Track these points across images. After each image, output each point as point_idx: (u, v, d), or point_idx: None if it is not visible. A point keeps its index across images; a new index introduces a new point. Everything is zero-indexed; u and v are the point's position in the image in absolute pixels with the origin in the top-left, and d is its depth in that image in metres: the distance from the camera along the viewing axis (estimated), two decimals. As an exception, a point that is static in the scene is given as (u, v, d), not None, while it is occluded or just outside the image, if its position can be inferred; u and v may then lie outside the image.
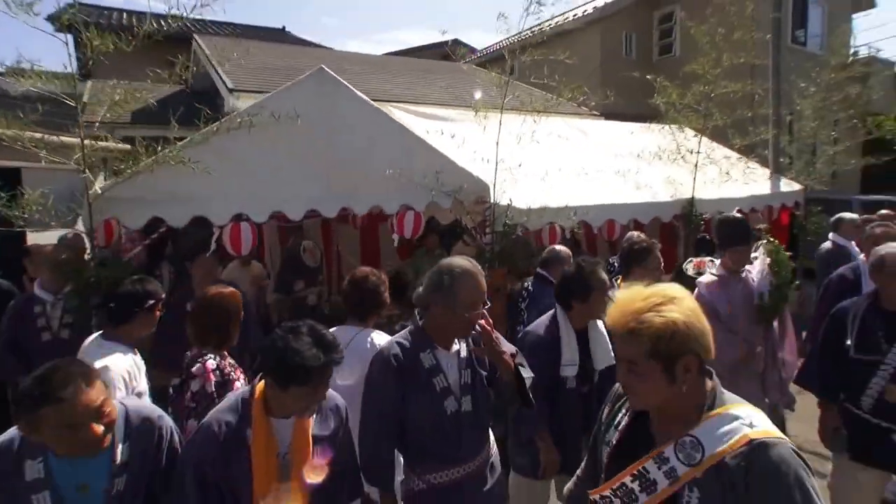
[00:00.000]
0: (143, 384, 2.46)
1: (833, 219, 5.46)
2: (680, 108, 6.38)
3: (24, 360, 3.26)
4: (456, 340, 2.06)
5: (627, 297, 1.31)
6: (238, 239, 3.38)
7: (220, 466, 1.70)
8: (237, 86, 7.08)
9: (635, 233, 4.12)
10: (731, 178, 6.53)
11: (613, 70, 12.47)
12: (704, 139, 6.48)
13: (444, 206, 4.25)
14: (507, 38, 17.21)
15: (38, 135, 3.23)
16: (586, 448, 1.68)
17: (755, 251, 3.77)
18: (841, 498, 2.78)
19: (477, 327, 1.96)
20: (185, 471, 1.71)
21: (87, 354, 2.34)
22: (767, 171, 7.63)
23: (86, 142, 3.34)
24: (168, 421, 1.83)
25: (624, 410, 1.44)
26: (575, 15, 13.85)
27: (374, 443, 1.97)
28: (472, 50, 21.35)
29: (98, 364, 2.21)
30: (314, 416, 1.83)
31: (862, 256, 4.24)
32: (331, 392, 1.89)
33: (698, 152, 6.22)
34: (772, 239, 3.83)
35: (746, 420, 1.25)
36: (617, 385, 1.49)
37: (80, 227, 3.63)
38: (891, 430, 2.55)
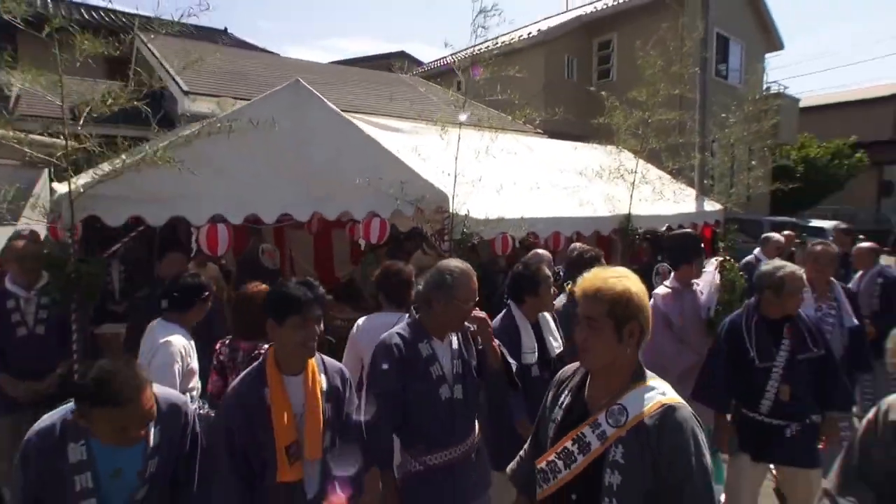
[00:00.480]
0: (195, 363, 2.74)
1: (762, 237, 6.22)
2: (621, 131, 6.93)
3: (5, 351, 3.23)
4: (450, 333, 2.33)
5: (596, 272, 1.63)
6: (215, 240, 3.48)
7: (245, 431, 1.89)
8: (192, 88, 7.05)
9: (578, 244, 4.52)
10: (662, 197, 7.13)
11: (556, 90, 13.15)
12: (640, 160, 7.05)
13: (406, 214, 4.49)
14: (454, 55, 17.88)
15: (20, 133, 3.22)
16: None
17: (707, 266, 4.08)
18: (735, 492, 3.08)
19: (474, 318, 2.25)
20: (216, 440, 1.88)
21: (153, 332, 2.70)
22: (693, 192, 8.36)
23: (55, 140, 3.37)
24: (191, 408, 1.97)
25: (567, 392, 1.70)
26: (520, 36, 14.49)
27: (376, 424, 2.17)
28: (419, 63, 21.75)
29: (162, 339, 2.60)
30: (324, 381, 2.05)
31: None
32: (333, 361, 2.14)
33: (635, 172, 6.77)
34: (727, 257, 4.25)
35: (660, 390, 1.55)
36: (560, 372, 1.78)
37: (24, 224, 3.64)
38: (784, 427, 2.89)
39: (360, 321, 3.07)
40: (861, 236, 6.17)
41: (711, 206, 8.24)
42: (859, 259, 4.93)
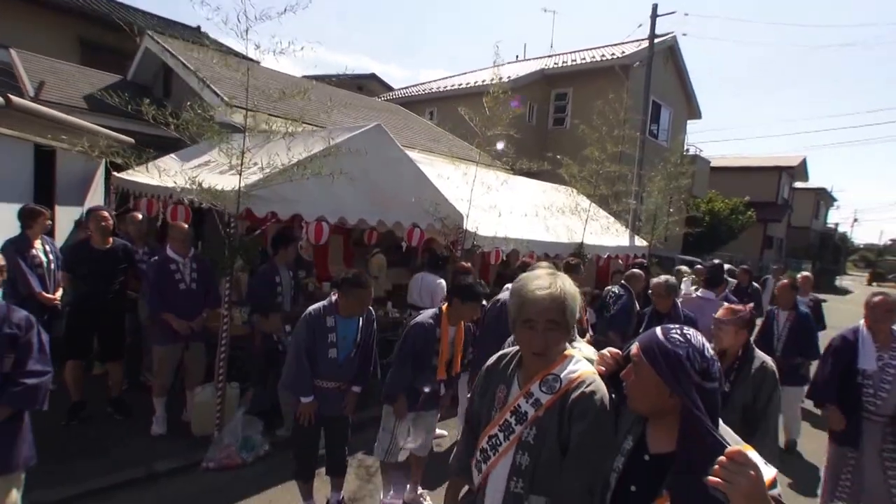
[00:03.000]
0: None
1: (675, 269, 8.05)
2: (577, 179, 8.66)
3: (165, 301, 4.32)
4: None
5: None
6: (320, 233, 4.73)
7: (422, 345, 3.27)
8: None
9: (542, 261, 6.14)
10: (607, 232, 8.92)
11: (518, 132, 14.93)
12: (592, 203, 8.82)
13: (436, 228, 5.89)
14: (425, 86, 19.78)
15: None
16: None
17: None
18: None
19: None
20: (404, 345, 3.26)
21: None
22: (627, 231, 10.26)
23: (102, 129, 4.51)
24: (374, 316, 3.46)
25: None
26: (492, 80, 16.22)
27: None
28: (388, 87, 23.02)
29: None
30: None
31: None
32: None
33: (587, 210, 8.51)
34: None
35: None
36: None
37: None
38: None
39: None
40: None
41: (640, 242, 10.15)
42: (781, 294, 5.59)
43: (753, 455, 1.17)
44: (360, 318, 3.36)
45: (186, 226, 4.53)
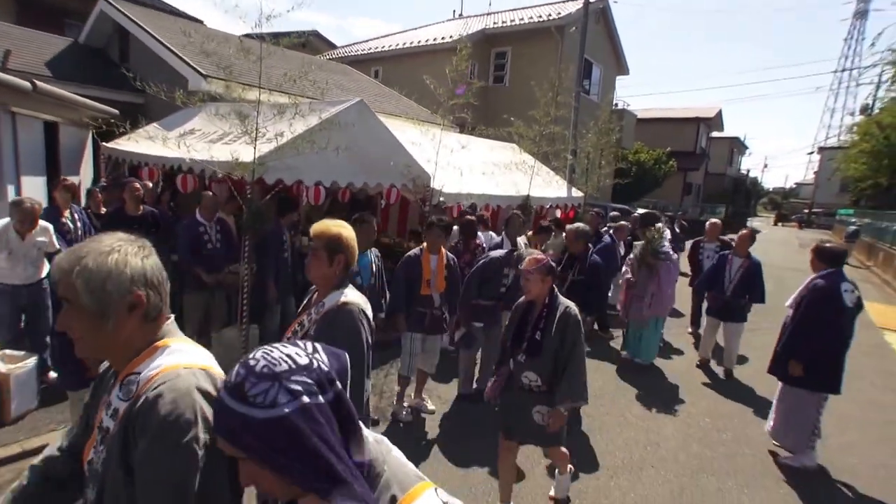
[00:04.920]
0: None
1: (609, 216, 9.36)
2: (524, 138, 9.73)
3: (195, 258, 5.08)
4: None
5: (328, 220, 2.32)
6: (318, 196, 5.57)
7: (408, 271, 4.33)
8: (209, 73, 8.50)
9: (515, 211, 7.23)
10: (548, 185, 10.10)
11: (476, 99, 15.77)
12: (535, 160, 9.95)
13: (409, 188, 6.82)
14: (371, 43, 20.37)
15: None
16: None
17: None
18: None
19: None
20: (399, 274, 4.30)
21: None
22: (565, 183, 11.51)
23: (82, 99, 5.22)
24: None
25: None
26: (436, 39, 16.82)
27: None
28: (331, 45, 22.90)
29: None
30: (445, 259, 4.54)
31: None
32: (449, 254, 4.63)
33: (532, 167, 9.63)
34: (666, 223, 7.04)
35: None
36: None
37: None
38: None
39: None
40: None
41: (576, 193, 11.45)
42: (739, 243, 6.36)
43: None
44: (372, 253, 4.37)
45: (211, 193, 5.26)
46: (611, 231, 8.37)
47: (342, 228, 2.29)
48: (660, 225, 6.61)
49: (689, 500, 3.76)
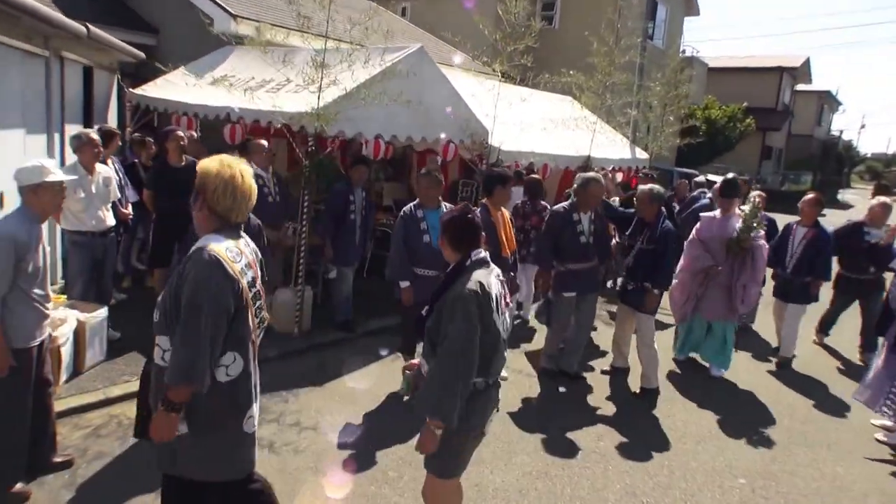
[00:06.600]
0: None
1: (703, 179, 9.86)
2: (584, 91, 10.29)
3: (256, 211, 5.83)
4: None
5: (216, 157, 2.54)
6: (378, 149, 6.28)
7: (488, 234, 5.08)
8: (239, 12, 9.20)
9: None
10: (611, 144, 10.70)
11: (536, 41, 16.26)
12: (596, 116, 10.52)
13: (466, 144, 7.50)
14: None
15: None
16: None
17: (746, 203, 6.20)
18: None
19: None
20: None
21: None
22: (628, 142, 12.07)
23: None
24: None
25: None
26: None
27: (543, 253, 5.32)
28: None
29: None
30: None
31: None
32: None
33: (594, 123, 10.21)
34: (761, 195, 6.85)
35: (208, 238, 2.40)
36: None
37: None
38: None
39: None
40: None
41: (641, 154, 12.00)
42: (805, 210, 6.51)
43: None
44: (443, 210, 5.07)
45: (265, 142, 6.00)
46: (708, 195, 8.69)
47: (217, 166, 2.46)
48: (755, 196, 6.46)
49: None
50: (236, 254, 2.44)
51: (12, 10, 4.79)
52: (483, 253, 2.82)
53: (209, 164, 2.46)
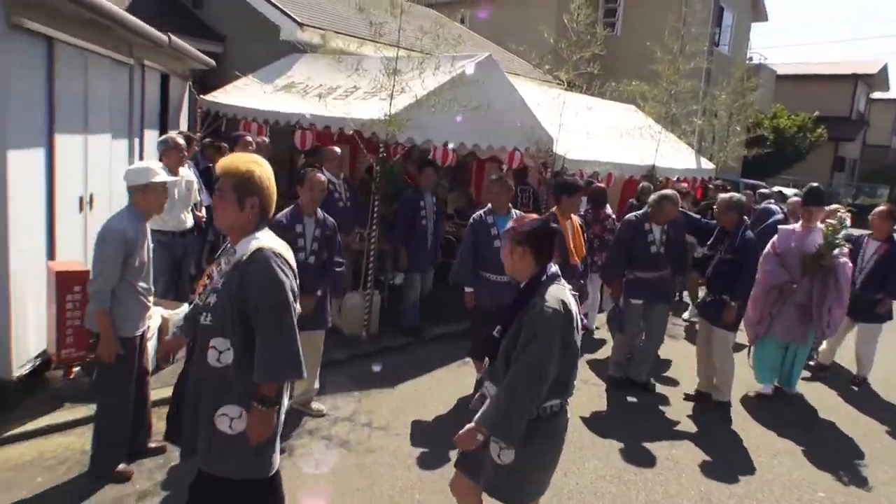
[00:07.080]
0: None
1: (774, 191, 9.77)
2: (647, 100, 10.39)
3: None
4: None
5: (237, 155, 2.57)
6: (445, 157, 6.56)
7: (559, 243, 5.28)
8: (305, 21, 9.67)
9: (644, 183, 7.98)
10: (676, 153, 10.75)
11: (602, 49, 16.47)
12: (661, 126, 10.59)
13: (530, 152, 7.71)
14: None
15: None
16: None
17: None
18: None
19: None
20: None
21: None
22: (692, 151, 12.07)
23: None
24: None
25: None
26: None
27: (613, 263, 5.49)
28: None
29: None
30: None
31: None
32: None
33: (659, 132, 10.28)
34: (847, 209, 6.41)
35: (260, 238, 2.41)
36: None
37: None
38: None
39: None
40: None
41: (706, 164, 11.98)
42: (876, 222, 6.32)
43: None
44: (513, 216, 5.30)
45: (338, 149, 6.34)
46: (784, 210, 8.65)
47: (254, 164, 2.41)
48: (840, 210, 6.31)
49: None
50: (284, 245, 2.52)
51: (105, 19, 5.23)
52: (555, 267, 2.79)
53: (248, 164, 2.44)
